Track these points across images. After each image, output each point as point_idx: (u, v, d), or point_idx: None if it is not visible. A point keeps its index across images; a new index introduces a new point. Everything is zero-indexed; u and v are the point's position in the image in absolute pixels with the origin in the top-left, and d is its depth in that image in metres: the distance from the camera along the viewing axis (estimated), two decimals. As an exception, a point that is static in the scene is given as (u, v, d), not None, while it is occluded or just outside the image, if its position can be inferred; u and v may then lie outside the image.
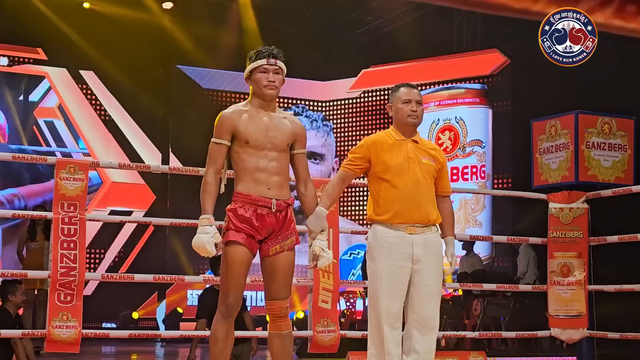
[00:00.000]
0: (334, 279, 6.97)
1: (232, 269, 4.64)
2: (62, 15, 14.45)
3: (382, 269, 4.93)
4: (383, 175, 5.00)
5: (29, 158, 7.33)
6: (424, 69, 15.03)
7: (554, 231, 7.85)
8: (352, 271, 15.40)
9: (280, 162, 4.73)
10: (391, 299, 4.91)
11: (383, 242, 4.96)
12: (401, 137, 5.07)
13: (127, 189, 15.16)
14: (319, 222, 4.84)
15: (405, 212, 4.94)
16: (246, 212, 4.65)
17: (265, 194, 4.66)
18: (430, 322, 4.96)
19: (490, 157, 14.62)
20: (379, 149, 5.05)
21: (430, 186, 5.06)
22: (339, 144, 16.23)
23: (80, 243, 6.28)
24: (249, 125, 4.71)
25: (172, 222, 7.22)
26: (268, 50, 4.77)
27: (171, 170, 7.78)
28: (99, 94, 15.18)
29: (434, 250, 5.00)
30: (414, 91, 5.13)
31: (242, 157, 4.70)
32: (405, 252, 4.92)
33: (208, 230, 4.59)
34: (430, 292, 4.96)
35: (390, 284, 4.91)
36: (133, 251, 15.14)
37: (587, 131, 8.43)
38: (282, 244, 4.72)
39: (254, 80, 4.76)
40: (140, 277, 7.46)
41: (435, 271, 4.99)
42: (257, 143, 4.68)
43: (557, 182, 8.41)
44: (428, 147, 5.18)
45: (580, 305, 7.72)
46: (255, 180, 4.67)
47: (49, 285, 6.23)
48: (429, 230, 5.00)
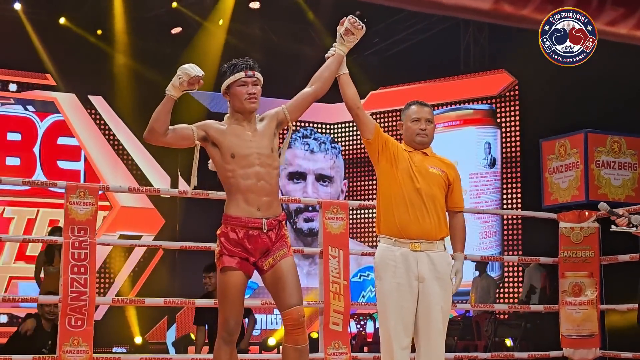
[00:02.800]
0: (345, 301, 6.95)
1: (230, 294, 4.57)
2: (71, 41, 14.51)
3: (388, 288, 4.88)
4: (386, 172, 4.96)
5: (39, 182, 7.35)
6: (432, 90, 15.03)
7: (565, 251, 7.82)
8: (362, 293, 15.36)
9: (268, 180, 4.62)
10: (398, 319, 4.84)
11: (388, 261, 4.90)
12: (410, 149, 5.05)
13: (136, 213, 15.15)
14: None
15: (407, 225, 4.87)
16: (237, 234, 4.59)
17: (255, 214, 4.58)
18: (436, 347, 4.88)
19: (500, 177, 14.59)
20: (393, 143, 5.03)
21: (437, 198, 4.96)
22: (347, 166, 16.22)
23: (91, 267, 6.28)
24: (233, 138, 4.63)
25: (182, 245, 7.21)
26: (244, 62, 4.69)
27: (181, 193, 7.78)
28: (108, 118, 15.21)
29: (439, 268, 4.91)
30: (424, 109, 5.11)
31: (228, 174, 4.61)
32: (411, 270, 4.86)
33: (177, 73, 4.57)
34: (435, 312, 4.87)
35: (396, 303, 4.85)
36: (142, 275, 15.12)
37: (597, 150, 8.45)
38: (275, 256, 4.61)
39: (232, 94, 4.68)
40: (151, 300, 7.47)
41: (439, 291, 4.89)
42: (243, 156, 4.58)
43: (568, 201, 8.41)
44: (439, 159, 5.12)
45: (593, 325, 7.68)
46: (245, 201, 4.59)
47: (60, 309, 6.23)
48: (435, 248, 4.92)
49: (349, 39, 4.88)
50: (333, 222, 6.50)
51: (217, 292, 4.65)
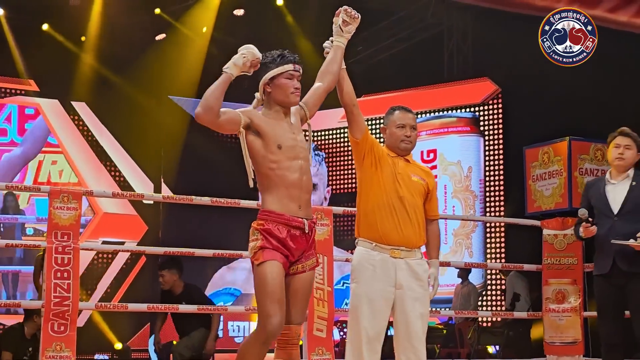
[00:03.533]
0: (329, 307, 6.95)
1: (274, 288, 4.22)
2: (54, 47, 14.46)
3: (364, 291, 4.83)
4: (370, 176, 4.93)
5: (23, 187, 7.32)
6: (415, 98, 15.05)
7: (548, 258, 7.83)
8: (345, 300, 15.34)
9: (309, 176, 4.46)
10: (371, 323, 4.80)
11: (366, 264, 4.85)
12: (393, 154, 5.04)
13: (119, 219, 15.10)
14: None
15: (389, 231, 4.86)
16: (280, 232, 4.30)
17: (297, 213, 4.34)
18: (417, 355, 4.85)
19: (483, 185, 14.62)
20: (378, 147, 5.00)
21: (418, 206, 4.96)
22: (331, 174, 16.22)
23: (74, 272, 6.25)
24: (277, 129, 4.39)
25: (166, 251, 7.22)
26: (292, 55, 4.53)
27: (164, 199, 7.78)
28: (91, 125, 15.17)
29: (418, 276, 4.89)
30: (409, 115, 5.08)
31: (272, 166, 4.33)
32: (389, 276, 4.83)
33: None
34: (414, 318, 4.85)
35: (371, 306, 4.81)
36: (125, 282, 15.07)
37: (580, 158, 8.48)
38: (305, 264, 4.40)
39: (276, 86, 4.43)
40: (134, 306, 7.44)
41: (418, 297, 4.87)
42: (289, 147, 4.37)
43: (551, 208, 8.42)
44: (420, 167, 5.15)
45: (576, 332, 7.69)
46: (288, 197, 4.34)
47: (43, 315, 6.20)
48: (414, 255, 4.91)
49: (347, 30, 4.80)
50: (317, 229, 6.47)
51: (258, 289, 4.25)
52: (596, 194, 6.14)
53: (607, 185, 6.16)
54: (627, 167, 6.14)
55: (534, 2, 8.98)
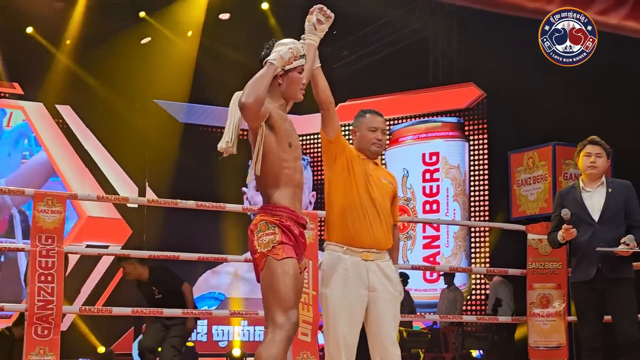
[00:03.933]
0: (314, 312, 6.94)
1: (298, 286, 4.22)
2: (38, 50, 14.43)
3: (338, 296, 4.78)
4: (341, 178, 4.90)
5: (7, 190, 7.29)
6: (401, 102, 15.09)
7: (532, 262, 7.84)
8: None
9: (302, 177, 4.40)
10: (349, 329, 4.77)
11: (338, 269, 4.81)
12: (363, 156, 5.04)
13: (103, 223, 15.07)
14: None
15: (361, 234, 4.84)
16: (295, 230, 4.25)
17: (299, 210, 4.32)
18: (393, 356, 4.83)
19: (467, 189, 14.65)
20: (350, 149, 4.99)
21: (387, 208, 4.96)
22: (316, 178, 16.22)
23: (58, 276, 6.21)
24: (288, 126, 4.30)
25: (150, 254, 7.19)
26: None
27: (149, 202, 7.74)
28: (75, 128, 15.13)
29: (389, 278, 4.89)
30: (380, 119, 5.10)
31: (284, 164, 4.25)
32: (361, 279, 4.81)
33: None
34: (388, 322, 4.84)
35: (347, 312, 4.78)
36: (109, 285, 15.02)
37: (565, 162, 8.49)
38: (300, 265, 4.32)
39: (290, 79, 4.36)
40: (118, 310, 7.39)
41: (390, 300, 4.86)
42: (296, 147, 4.31)
43: (536, 213, 8.43)
44: (386, 171, 5.23)
45: (560, 336, 7.70)
46: (294, 195, 4.28)
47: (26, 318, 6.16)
48: (383, 257, 4.91)
49: (321, 28, 4.77)
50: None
51: (278, 284, 4.14)
52: (572, 202, 6.17)
53: (583, 193, 6.20)
54: (599, 174, 6.20)
55: (525, 4, 8.98)
